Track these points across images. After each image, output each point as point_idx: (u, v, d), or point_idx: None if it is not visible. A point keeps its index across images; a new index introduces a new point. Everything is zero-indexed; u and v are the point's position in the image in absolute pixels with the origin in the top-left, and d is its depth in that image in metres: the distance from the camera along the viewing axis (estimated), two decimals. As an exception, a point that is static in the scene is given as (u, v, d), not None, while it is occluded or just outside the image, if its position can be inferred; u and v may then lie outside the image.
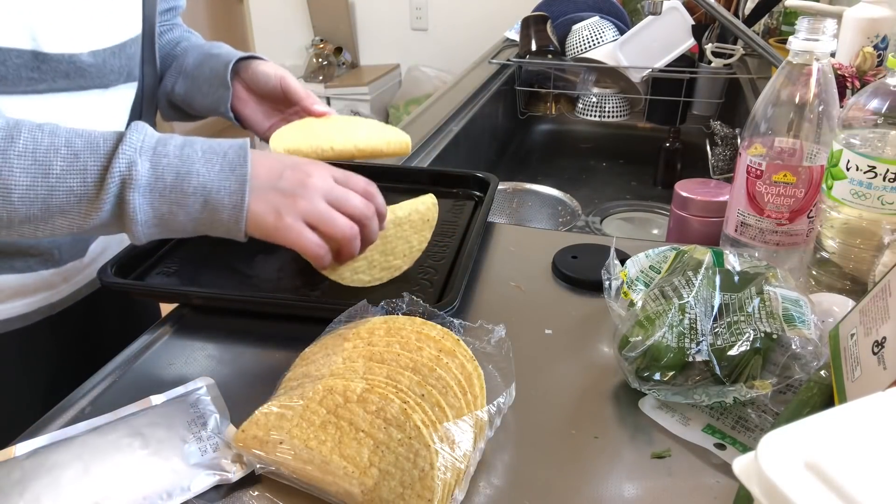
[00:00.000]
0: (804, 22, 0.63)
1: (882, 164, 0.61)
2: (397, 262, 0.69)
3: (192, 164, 0.55)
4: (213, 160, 0.55)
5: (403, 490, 0.42)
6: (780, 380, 0.50)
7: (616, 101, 1.57)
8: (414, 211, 0.68)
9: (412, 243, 0.69)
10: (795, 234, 0.69)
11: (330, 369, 0.49)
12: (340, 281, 0.66)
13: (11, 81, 0.59)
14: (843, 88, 0.96)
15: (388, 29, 3.11)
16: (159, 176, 0.54)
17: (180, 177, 0.54)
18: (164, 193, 0.54)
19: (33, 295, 0.71)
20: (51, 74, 0.61)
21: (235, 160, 0.56)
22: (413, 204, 0.69)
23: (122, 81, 0.71)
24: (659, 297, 0.55)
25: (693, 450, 0.50)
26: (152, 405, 0.53)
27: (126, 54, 0.69)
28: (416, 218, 0.69)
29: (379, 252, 0.67)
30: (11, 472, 0.46)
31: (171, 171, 0.54)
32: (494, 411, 0.49)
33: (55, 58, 0.61)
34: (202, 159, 0.55)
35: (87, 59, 0.64)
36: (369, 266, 0.67)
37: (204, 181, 0.54)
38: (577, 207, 1.15)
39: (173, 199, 0.54)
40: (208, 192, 0.54)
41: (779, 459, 0.28)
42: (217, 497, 0.47)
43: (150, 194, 0.54)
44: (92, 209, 0.53)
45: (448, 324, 0.55)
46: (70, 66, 0.63)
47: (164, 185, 0.54)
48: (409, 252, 0.69)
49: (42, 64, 0.60)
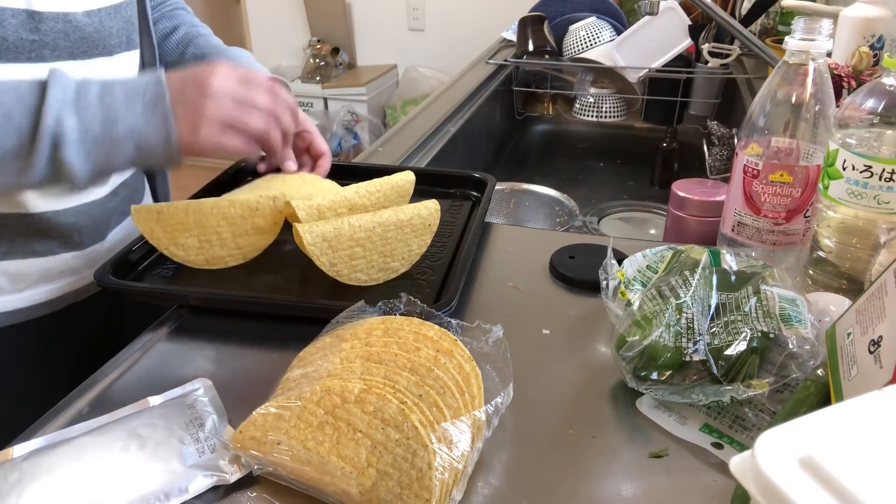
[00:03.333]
0: (800, 22, 0.64)
1: (878, 163, 0.62)
2: (395, 264, 0.69)
3: (115, 110, 0.56)
4: (135, 101, 0.57)
5: (401, 490, 0.42)
6: (776, 379, 0.50)
7: (613, 102, 1.58)
8: (416, 215, 0.69)
9: (412, 247, 0.70)
10: (792, 233, 0.69)
11: (327, 370, 0.49)
12: (337, 277, 0.66)
13: (14, 45, 0.60)
14: (840, 88, 0.96)
15: (385, 29, 3.10)
16: (87, 128, 0.55)
17: (107, 124, 0.56)
18: (96, 142, 0.56)
19: (58, 280, 0.73)
20: (51, 36, 0.63)
21: (154, 97, 0.58)
22: (416, 208, 0.69)
23: (123, 48, 0.72)
24: (656, 296, 0.55)
25: (690, 449, 0.50)
26: (150, 406, 0.52)
27: (122, 16, 0.70)
28: (418, 222, 0.69)
29: (378, 253, 0.68)
30: (9, 473, 0.46)
31: (98, 121, 0.56)
32: (492, 411, 0.49)
33: (50, 16, 0.62)
34: (124, 103, 0.57)
35: (82, 18, 0.65)
36: (367, 265, 0.68)
37: (131, 125, 0.56)
38: (574, 207, 1.15)
39: (105, 147, 0.56)
40: (137, 135, 0.57)
41: (775, 458, 0.28)
42: (215, 498, 0.46)
43: (82, 147, 0.55)
44: (27, 166, 0.54)
45: (446, 324, 0.55)
46: (67, 26, 0.64)
47: (94, 136, 0.55)
48: (407, 255, 0.70)
49: (39, 24, 0.61)
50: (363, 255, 0.67)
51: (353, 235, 0.66)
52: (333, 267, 0.66)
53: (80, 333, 0.78)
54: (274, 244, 0.73)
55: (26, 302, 0.71)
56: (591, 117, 1.60)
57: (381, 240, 0.67)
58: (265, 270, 0.71)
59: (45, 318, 0.73)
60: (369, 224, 0.67)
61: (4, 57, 0.60)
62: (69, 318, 0.76)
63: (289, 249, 0.74)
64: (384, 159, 1.06)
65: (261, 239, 0.72)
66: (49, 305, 0.73)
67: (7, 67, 0.61)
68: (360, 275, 0.68)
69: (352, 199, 0.73)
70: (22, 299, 0.71)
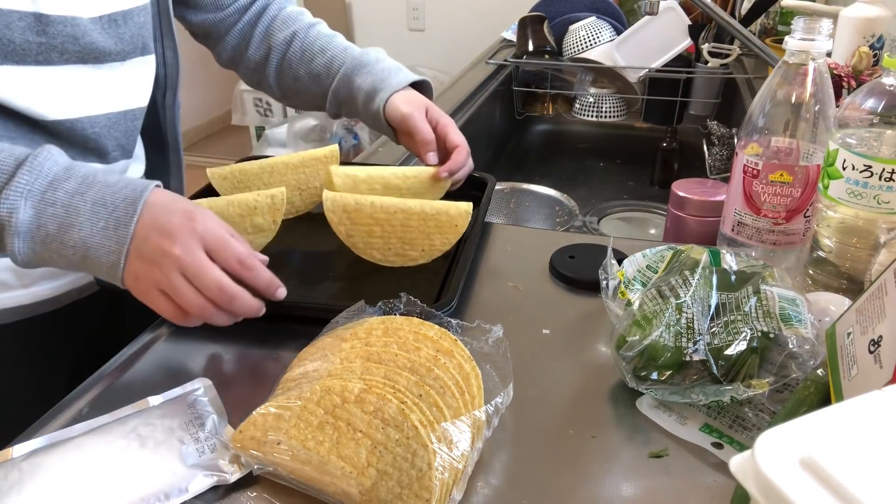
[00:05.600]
0: (800, 22, 0.64)
1: (878, 163, 0.61)
2: (413, 253, 0.70)
3: (77, 216, 0.54)
4: (100, 214, 0.54)
5: (401, 490, 0.42)
6: (776, 379, 0.50)
7: (613, 101, 1.58)
8: (444, 213, 0.69)
9: (434, 242, 0.70)
10: (792, 233, 0.69)
11: (328, 370, 0.49)
12: (353, 249, 0.68)
13: (21, 48, 0.60)
14: (840, 88, 0.96)
15: (386, 29, 3.10)
16: (42, 224, 0.54)
17: (62, 228, 0.54)
18: (45, 241, 0.54)
19: (62, 276, 0.73)
20: (59, 39, 0.62)
21: (122, 217, 0.54)
22: (446, 206, 0.70)
23: (137, 54, 0.72)
24: (656, 296, 0.55)
25: (690, 449, 0.50)
26: (150, 406, 0.52)
27: (135, 23, 0.70)
28: (444, 220, 0.70)
29: (397, 238, 0.69)
30: (9, 473, 0.46)
31: (55, 222, 0.54)
32: (492, 411, 0.49)
33: (58, 20, 0.62)
34: (89, 212, 0.54)
35: (88, 24, 0.64)
36: (384, 246, 0.69)
37: (85, 237, 0.54)
38: (574, 207, 1.15)
39: (54, 248, 0.54)
40: (87, 249, 0.54)
41: (775, 458, 0.28)
42: (215, 498, 0.46)
43: (30, 240, 0.54)
44: None
45: (446, 324, 0.55)
46: (76, 30, 0.63)
47: (46, 234, 0.54)
48: (428, 248, 0.70)
49: (47, 27, 0.61)
50: (381, 236, 0.68)
51: (374, 214, 0.67)
52: (350, 238, 0.67)
53: (81, 331, 0.78)
54: (277, 242, 0.73)
55: (31, 298, 0.72)
56: (591, 117, 1.60)
57: (401, 226, 0.67)
58: None
59: (49, 315, 0.73)
60: (392, 208, 0.67)
61: (11, 59, 0.60)
62: (71, 315, 0.76)
63: (290, 250, 0.74)
64: (384, 159, 1.06)
65: (260, 237, 0.72)
66: (53, 302, 0.73)
67: (15, 70, 0.61)
68: (375, 252, 0.69)
69: (387, 178, 0.75)
70: (28, 295, 0.71)
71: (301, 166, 0.81)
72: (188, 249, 0.55)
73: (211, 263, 0.55)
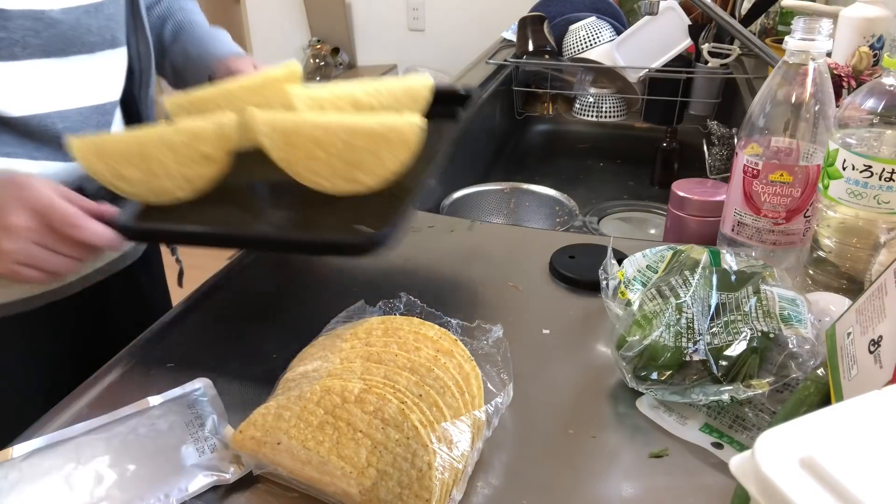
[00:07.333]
0: (800, 22, 0.64)
1: (878, 163, 0.61)
2: (363, 177, 0.61)
3: None
4: None
5: (401, 490, 0.42)
6: (776, 379, 0.50)
7: (613, 102, 1.57)
8: (393, 129, 0.60)
9: (384, 161, 0.60)
10: (792, 233, 0.69)
11: (328, 370, 0.49)
12: (295, 177, 0.61)
13: None
14: (840, 88, 0.96)
15: (386, 29, 3.10)
16: None
17: None
18: None
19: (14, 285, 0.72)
20: (19, 33, 0.62)
21: None
22: (394, 120, 0.60)
23: (106, 47, 0.71)
24: (656, 296, 0.55)
25: (691, 449, 0.50)
26: (150, 406, 0.52)
27: (104, 14, 0.69)
28: (394, 137, 0.60)
29: (342, 160, 0.60)
30: (8, 473, 0.46)
31: None
32: (492, 411, 0.49)
33: (17, 14, 0.61)
34: None
35: (58, 15, 0.64)
36: (330, 172, 0.61)
37: None
38: (574, 207, 1.15)
39: None
40: None
41: (775, 458, 0.28)
42: (215, 498, 0.46)
43: None
44: None
45: (446, 324, 0.55)
46: (38, 24, 0.63)
47: None
48: (380, 170, 0.61)
49: (7, 22, 0.61)
50: (325, 159, 0.60)
51: (312, 133, 0.59)
52: (290, 165, 0.60)
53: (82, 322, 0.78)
54: (234, 176, 0.65)
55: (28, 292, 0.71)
56: (591, 117, 1.60)
57: (345, 146, 0.59)
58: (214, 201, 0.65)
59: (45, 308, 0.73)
60: (334, 126, 0.59)
61: None
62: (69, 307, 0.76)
63: (251, 183, 0.69)
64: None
65: (209, 168, 0.64)
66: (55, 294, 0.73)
67: None
68: (321, 180, 0.61)
69: (357, 96, 0.67)
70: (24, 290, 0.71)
71: (261, 88, 0.71)
72: (25, 217, 0.56)
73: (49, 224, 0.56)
